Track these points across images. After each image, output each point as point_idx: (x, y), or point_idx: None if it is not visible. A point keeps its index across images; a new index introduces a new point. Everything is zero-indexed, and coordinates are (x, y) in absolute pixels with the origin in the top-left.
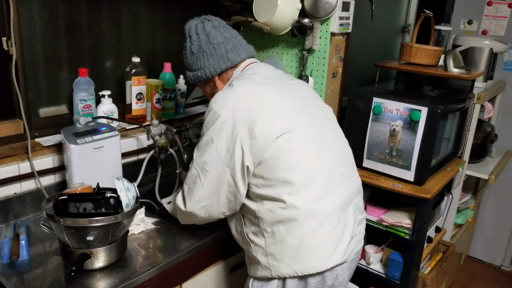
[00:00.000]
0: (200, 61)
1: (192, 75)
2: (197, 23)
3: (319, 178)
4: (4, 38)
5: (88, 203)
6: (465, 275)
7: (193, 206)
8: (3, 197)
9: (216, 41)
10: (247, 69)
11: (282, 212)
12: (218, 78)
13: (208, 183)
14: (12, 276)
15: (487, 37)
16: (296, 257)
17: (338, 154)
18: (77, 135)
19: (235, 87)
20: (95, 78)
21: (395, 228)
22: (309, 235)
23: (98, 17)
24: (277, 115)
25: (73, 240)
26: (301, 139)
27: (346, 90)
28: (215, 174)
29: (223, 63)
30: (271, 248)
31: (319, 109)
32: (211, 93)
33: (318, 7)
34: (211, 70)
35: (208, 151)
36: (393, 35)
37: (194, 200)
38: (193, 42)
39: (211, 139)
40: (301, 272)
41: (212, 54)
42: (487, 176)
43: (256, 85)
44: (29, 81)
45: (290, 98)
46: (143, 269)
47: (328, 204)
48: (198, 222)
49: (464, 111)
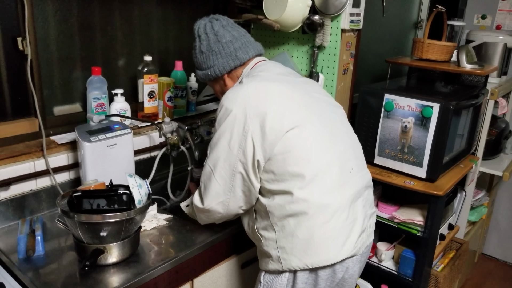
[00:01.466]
0: (210, 60)
1: (202, 73)
2: (205, 23)
3: (330, 172)
4: (19, 38)
5: (101, 199)
6: (479, 272)
7: (210, 202)
8: (20, 194)
9: (225, 39)
10: (256, 66)
11: (292, 206)
12: (228, 76)
13: (223, 179)
14: (28, 271)
15: (501, 32)
16: (306, 250)
17: (348, 148)
18: (90, 133)
19: (245, 84)
20: (108, 76)
21: (407, 225)
22: (319, 228)
23: (111, 17)
24: (287, 110)
25: (87, 235)
26: (312, 133)
27: (357, 86)
28: (229, 169)
29: (232, 61)
30: (281, 242)
31: (328, 104)
32: (221, 91)
33: (328, 3)
34: (220, 68)
35: (221, 147)
36: (406, 31)
37: (211, 197)
38: (202, 41)
39: (223, 135)
40: (312, 264)
41: (221, 52)
42: (501, 173)
43: (266, 81)
44: (44, 80)
45: (299, 93)
46: (155, 264)
47: (338, 198)
48: (217, 221)
49: (477, 107)
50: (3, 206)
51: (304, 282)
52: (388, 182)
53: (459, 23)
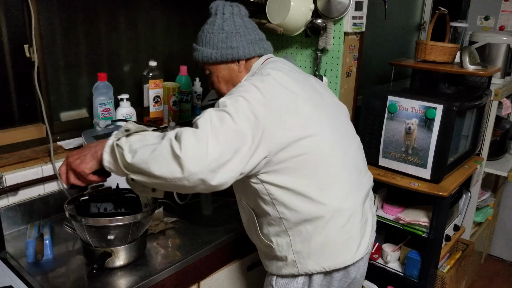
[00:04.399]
0: (232, 41)
1: (216, 52)
2: (230, 4)
3: (346, 176)
4: (26, 45)
5: (108, 203)
6: (486, 274)
7: (222, 149)
8: (28, 199)
9: (251, 26)
10: (268, 62)
11: (310, 211)
12: (246, 62)
13: (240, 126)
14: (37, 274)
15: (504, 33)
16: (324, 254)
17: (357, 150)
18: (97, 137)
19: (270, 72)
20: (114, 82)
21: (412, 226)
22: (337, 232)
23: (116, 23)
24: (304, 113)
25: (95, 239)
26: (327, 136)
27: (361, 89)
28: (247, 121)
29: (258, 48)
30: (298, 246)
31: (337, 106)
32: (228, 78)
33: (331, 7)
34: (245, 51)
35: (241, 102)
36: (409, 33)
37: (224, 141)
38: (225, 20)
39: (243, 96)
40: (329, 267)
41: (246, 37)
42: (506, 173)
43: (287, 76)
44: (51, 87)
45: (313, 93)
46: (162, 267)
47: (353, 201)
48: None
49: (481, 108)
50: (12, 211)
51: (319, 284)
52: (392, 184)
53: (462, 24)
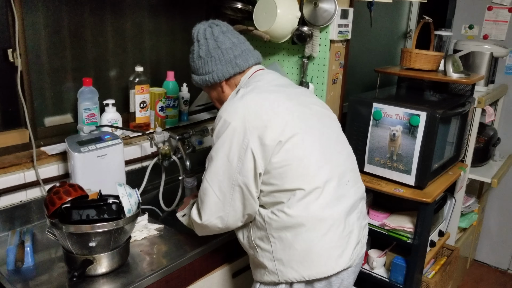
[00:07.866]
0: (208, 66)
1: (199, 79)
2: (205, 28)
3: (329, 185)
4: (10, 50)
5: (90, 209)
6: (471, 279)
7: (209, 218)
8: (9, 205)
9: (225, 46)
10: (255, 75)
11: (291, 218)
12: (226, 83)
13: (222, 192)
14: (17, 282)
15: (487, 41)
16: (303, 262)
17: (345, 160)
18: (81, 143)
19: (244, 95)
20: (99, 87)
21: (397, 232)
22: (317, 241)
23: (102, 28)
24: (286, 123)
25: (76, 246)
26: (310, 146)
27: (347, 96)
28: (228, 182)
29: (231, 68)
30: (278, 253)
31: (326, 116)
32: (217, 98)
33: (317, 15)
34: (219, 75)
35: (220, 160)
36: (395, 41)
37: (209, 212)
38: (201, 46)
39: (221, 148)
40: (309, 277)
41: (220, 59)
42: (490, 179)
43: (265, 92)
44: (35, 91)
45: (298, 105)
46: (145, 274)
47: (335, 211)
48: (215, 233)
49: (465, 115)
50: None
51: None
52: (378, 190)
53: (446, 33)
